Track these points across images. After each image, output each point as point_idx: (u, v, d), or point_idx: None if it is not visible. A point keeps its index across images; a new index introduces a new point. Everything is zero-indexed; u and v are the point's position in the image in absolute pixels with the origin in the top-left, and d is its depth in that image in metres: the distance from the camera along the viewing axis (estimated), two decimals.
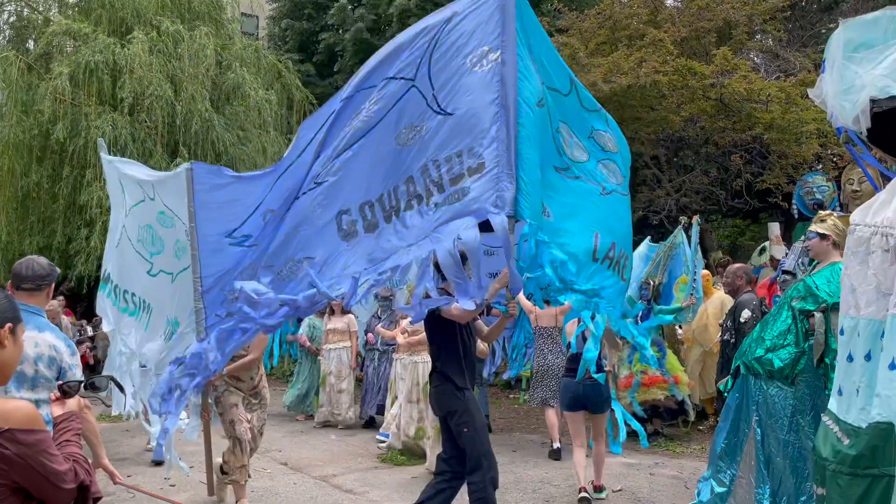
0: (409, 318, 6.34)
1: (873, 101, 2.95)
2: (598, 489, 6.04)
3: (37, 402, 3.32)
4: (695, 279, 7.97)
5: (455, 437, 4.56)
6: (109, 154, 5.96)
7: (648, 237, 9.12)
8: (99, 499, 2.29)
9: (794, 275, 7.86)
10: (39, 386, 3.42)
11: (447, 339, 4.53)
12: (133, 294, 4.80)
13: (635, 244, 9.04)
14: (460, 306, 3.65)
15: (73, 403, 2.45)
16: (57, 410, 2.38)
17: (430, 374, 4.76)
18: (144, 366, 4.72)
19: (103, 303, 5.03)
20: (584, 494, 5.80)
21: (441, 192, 3.62)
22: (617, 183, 4.47)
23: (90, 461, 2.32)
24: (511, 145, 3.51)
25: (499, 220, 3.41)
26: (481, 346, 6.19)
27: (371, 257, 3.82)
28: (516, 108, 3.60)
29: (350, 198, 3.96)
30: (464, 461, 4.49)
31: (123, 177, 5.05)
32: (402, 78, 3.87)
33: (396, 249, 3.72)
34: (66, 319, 10.26)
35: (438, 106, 3.64)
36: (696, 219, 8.24)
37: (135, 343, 4.72)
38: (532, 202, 3.67)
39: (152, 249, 4.69)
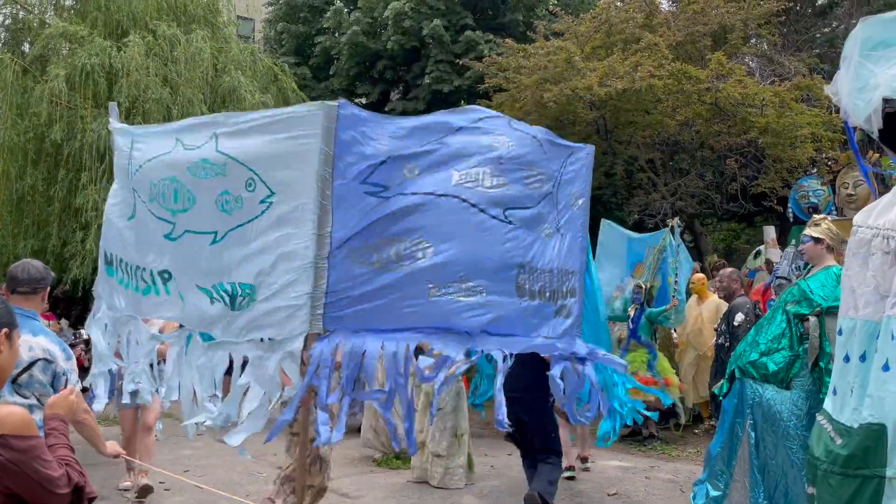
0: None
1: (886, 101, 2.95)
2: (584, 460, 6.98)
3: (30, 408, 3.32)
4: (676, 281, 7.99)
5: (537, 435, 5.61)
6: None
7: (608, 222, 9.03)
8: (94, 498, 2.28)
9: (788, 280, 7.89)
10: (33, 390, 3.41)
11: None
12: (146, 270, 3.98)
13: None
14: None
15: (57, 404, 2.42)
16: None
17: (532, 388, 5.37)
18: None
19: (109, 287, 4.22)
20: (570, 473, 6.65)
21: (552, 301, 3.87)
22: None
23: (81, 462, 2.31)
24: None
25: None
26: None
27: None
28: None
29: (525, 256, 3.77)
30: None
31: (147, 134, 4.24)
32: (548, 179, 3.96)
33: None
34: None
35: (559, 225, 3.96)
36: (675, 220, 8.29)
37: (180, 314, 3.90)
38: None
39: (175, 207, 3.79)
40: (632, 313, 8.13)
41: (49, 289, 3.78)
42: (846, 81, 3.09)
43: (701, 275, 9.08)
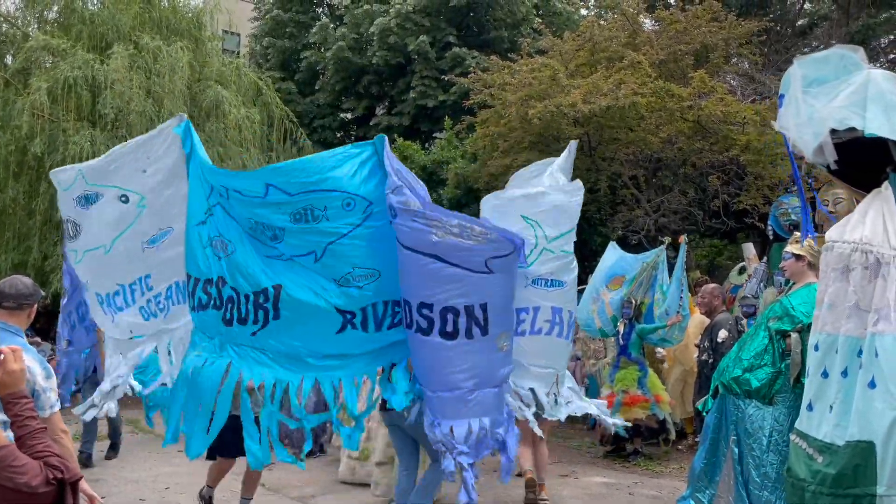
0: None
1: (833, 133, 3.05)
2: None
3: (4, 424, 3.29)
4: (682, 297, 8.02)
5: None
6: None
7: (613, 242, 9.09)
8: (78, 479, 2.26)
9: (756, 297, 7.96)
10: None
11: None
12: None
13: None
14: None
15: (4, 382, 2.28)
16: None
17: None
18: None
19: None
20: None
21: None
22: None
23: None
24: None
25: None
26: None
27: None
28: None
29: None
30: None
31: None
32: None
33: None
34: None
35: None
36: (683, 238, 8.30)
37: None
38: None
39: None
40: (621, 329, 8.12)
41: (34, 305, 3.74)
42: (791, 117, 3.23)
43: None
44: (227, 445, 5.15)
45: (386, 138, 3.82)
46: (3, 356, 2.28)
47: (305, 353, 3.81)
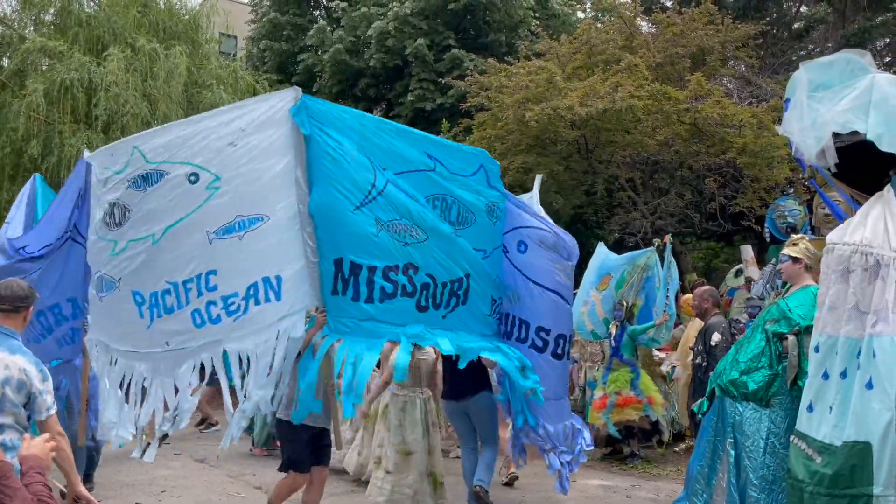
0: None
1: (836, 137, 3.06)
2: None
3: (1, 427, 3.27)
4: (668, 296, 8.00)
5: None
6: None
7: (601, 242, 9.05)
8: None
9: (762, 299, 7.95)
10: (5, 410, 3.35)
11: None
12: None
13: None
14: None
15: (38, 446, 2.58)
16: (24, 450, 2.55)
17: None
18: None
19: None
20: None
21: None
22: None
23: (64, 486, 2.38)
24: None
25: None
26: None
27: None
28: None
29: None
30: None
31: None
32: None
33: None
34: None
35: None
36: (668, 238, 8.29)
37: None
38: None
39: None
40: (613, 331, 8.10)
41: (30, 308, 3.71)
42: (795, 121, 3.25)
43: (687, 295, 9.11)
44: (303, 460, 5.17)
45: (499, 167, 4.61)
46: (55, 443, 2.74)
47: (473, 333, 4.37)
